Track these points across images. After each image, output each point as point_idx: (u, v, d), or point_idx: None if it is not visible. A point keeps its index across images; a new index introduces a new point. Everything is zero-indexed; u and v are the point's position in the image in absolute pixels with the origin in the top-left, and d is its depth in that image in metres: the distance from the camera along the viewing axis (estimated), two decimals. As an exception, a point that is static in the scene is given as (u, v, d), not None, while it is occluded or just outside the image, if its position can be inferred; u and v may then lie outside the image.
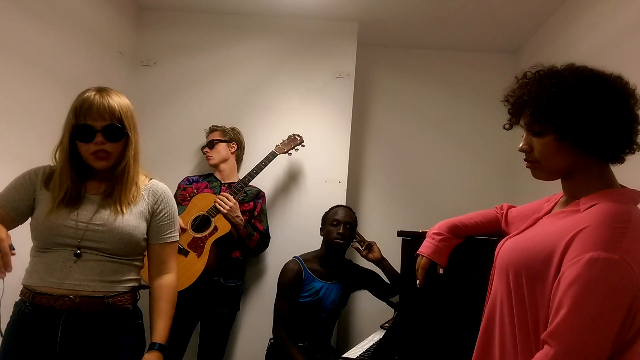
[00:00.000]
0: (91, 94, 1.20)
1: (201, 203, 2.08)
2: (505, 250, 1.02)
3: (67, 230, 1.18)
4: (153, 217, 1.31)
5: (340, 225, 2.05)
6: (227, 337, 2.17)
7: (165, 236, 1.33)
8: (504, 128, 1.13)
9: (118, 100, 1.23)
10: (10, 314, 1.21)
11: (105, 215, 1.22)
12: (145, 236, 1.29)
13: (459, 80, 2.86)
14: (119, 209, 1.22)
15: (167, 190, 1.37)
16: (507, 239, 1.05)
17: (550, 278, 0.85)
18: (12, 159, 1.77)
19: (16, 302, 1.21)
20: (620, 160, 0.94)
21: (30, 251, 1.23)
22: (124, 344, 1.24)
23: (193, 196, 2.13)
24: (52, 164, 1.28)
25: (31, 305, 1.16)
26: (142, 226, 1.26)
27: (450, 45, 2.84)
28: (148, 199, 1.30)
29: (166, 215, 1.33)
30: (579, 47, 2.08)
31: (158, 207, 1.31)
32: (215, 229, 2.01)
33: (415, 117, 2.86)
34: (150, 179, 1.36)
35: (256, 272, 2.41)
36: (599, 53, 1.90)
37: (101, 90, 1.22)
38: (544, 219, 1.01)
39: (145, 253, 1.34)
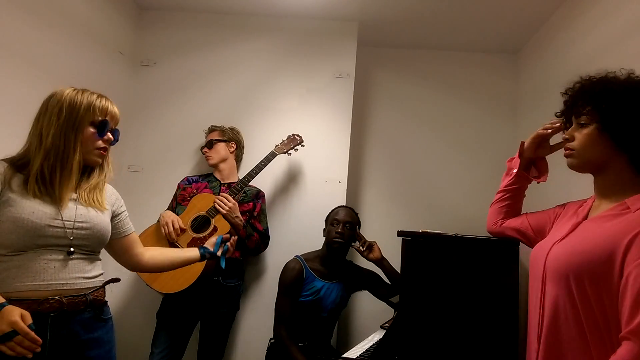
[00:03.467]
0: (104, 100, 1.30)
1: (201, 203, 2.07)
2: (556, 256, 1.04)
3: (54, 230, 1.17)
4: (116, 215, 1.40)
5: (340, 225, 2.05)
6: (226, 337, 2.17)
7: (131, 226, 1.48)
8: (555, 115, 1.23)
9: None
10: None
11: (88, 214, 1.26)
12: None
13: (459, 80, 2.86)
14: (102, 207, 1.31)
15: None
16: (553, 245, 1.07)
17: (615, 278, 0.90)
18: (11, 158, 1.77)
19: None
20: None
21: None
22: (103, 338, 1.28)
23: (193, 196, 2.13)
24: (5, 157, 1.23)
25: None
26: (110, 223, 1.36)
27: (450, 45, 2.84)
28: (109, 199, 1.39)
29: (124, 209, 1.46)
30: (579, 47, 2.07)
31: (119, 206, 1.43)
32: (215, 229, 2.01)
33: (415, 117, 2.86)
34: None
35: (256, 272, 2.41)
36: (599, 53, 1.90)
37: (107, 98, 1.32)
38: (587, 223, 1.05)
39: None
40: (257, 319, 2.34)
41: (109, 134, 1.30)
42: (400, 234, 1.67)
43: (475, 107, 2.83)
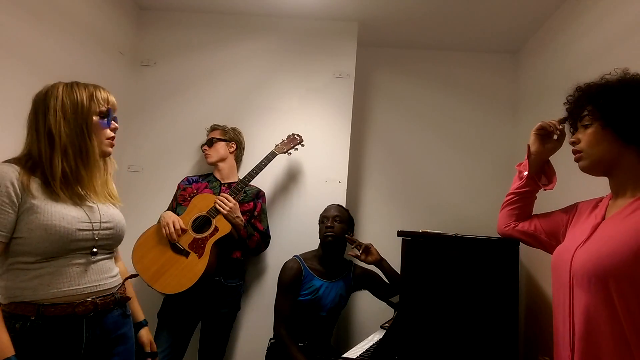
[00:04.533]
0: (102, 89, 1.27)
1: (201, 204, 2.08)
2: (582, 261, 1.00)
3: (84, 233, 1.16)
4: None
5: (329, 220, 2.07)
6: (227, 337, 2.18)
7: None
8: (561, 121, 1.25)
9: None
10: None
11: (110, 213, 1.27)
12: None
13: (459, 80, 2.86)
14: (117, 198, 1.32)
15: None
16: (576, 249, 1.04)
17: None
18: (12, 159, 1.77)
19: (10, 315, 1.08)
20: None
21: (16, 264, 1.11)
22: (127, 334, 1.29)
23: (193, 196, 2.13)
24: (13, 162, 1.16)
25: (40, 318, 1.08)
26: None
27: (450, 45, 2.84)
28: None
29: None
30: (579, 47, 2.08)
31: None
32: (216, 229, 2.01)
33: (415, 117, 2.86)
34: None
35: (257, 272, 2.41)
36: (599, 53, 1.90)
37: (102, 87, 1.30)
38: (606, 223, 1.04)
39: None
40: (258, 319, 2.35)
41: (113, 122, 1.28)
42: (400, 234, 1.67)
43: (475, 107, 2.83)
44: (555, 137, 1.32)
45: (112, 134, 1.27)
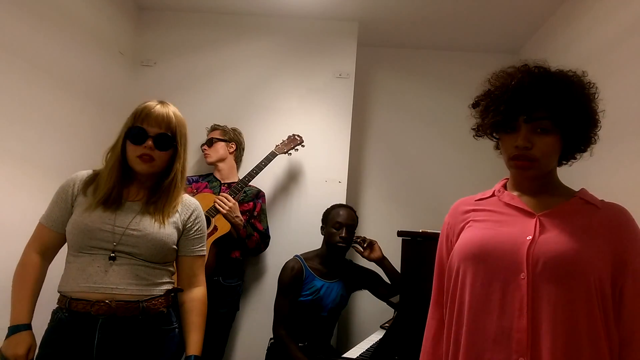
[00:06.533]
0: (154, 103, 1.28)
1: (201, 203, 2.06)
2: (559, 251, 0.89)
3: (103, 234, 1.19)
4: (185, 231, 1.34)
5: (343, 229, 2.03)
6: (226, 337, 2.17)
7: (197, 249, 1.37)
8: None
9: (176, 114, 1.30)
10: (48, 321, 1.21)
11: (144, 222, 1.23)
12: (175, 246, 1.30)
13: (459, 80, 2.86)
14: (161, 220, 1.25)
15: (198, 205, 1.42)
16: (536, 240, 0.91)
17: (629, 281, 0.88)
18: (12, 158, 1.77)
19: (54, 310, 1.22)
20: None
21: (66, 257, 1.24)
22: (159, 349, 1.24)
23: (193, 196, 2.12)
24: (95, 168, 1.30)
25: (68, 311, 1.17)
26: (174, 235, 1.29)
27: (450, 45, 2.84)
28: (181, 212, 1.33)
29: (199, 229, 1.38)
30: (579, 47, 2.08)
31: (191, 222, 1.35)
32: (215, 228, 2.01)
33: (415, 117, 2.86)
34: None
35: (256, 272, 2.41)
36: (599, 53, 1.90)
37: (163, 102, 1.30)
38: (552, 220, 0.93)
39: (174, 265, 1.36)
40: (257, 319, 2.34)
41: (150, 140, 1.21)
42: (400, 234, 1.67)
43: (475, 107, 2.82)
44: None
45: (141, 152, 1.21)
